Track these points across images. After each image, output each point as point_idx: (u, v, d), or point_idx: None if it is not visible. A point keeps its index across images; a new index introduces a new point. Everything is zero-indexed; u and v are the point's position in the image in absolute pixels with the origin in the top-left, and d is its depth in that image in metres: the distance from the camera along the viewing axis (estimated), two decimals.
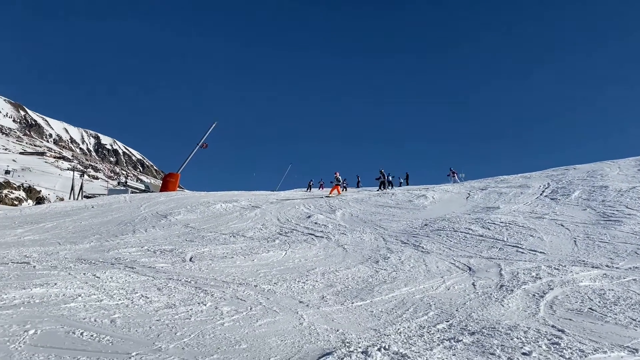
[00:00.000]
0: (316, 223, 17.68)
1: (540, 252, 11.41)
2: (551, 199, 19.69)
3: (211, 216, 20.34)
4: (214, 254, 11.86)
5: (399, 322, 6.42)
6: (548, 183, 24.28)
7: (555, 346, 5.16)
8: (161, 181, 70.55)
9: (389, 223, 17.16)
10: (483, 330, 5.92)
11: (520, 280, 8.85)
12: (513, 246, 12.23)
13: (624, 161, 30.09)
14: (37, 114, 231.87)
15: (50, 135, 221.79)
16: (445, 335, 5.77)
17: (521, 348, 5.13)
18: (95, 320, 5.52)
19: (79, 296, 6.49)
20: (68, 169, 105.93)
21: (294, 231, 16.07)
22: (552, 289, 8.03)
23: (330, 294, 8.07)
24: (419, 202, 22.20)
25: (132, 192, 42.58)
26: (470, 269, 10.10)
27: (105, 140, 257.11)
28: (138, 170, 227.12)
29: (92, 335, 4.96)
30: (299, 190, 37.84)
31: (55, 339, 4.75)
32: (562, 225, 14.46)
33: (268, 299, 7.38)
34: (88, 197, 46.01)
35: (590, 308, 6.88)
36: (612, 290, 7.80)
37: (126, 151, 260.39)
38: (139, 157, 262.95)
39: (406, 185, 41.07)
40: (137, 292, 7.09)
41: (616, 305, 6.95)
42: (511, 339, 5.45)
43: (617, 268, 9.43)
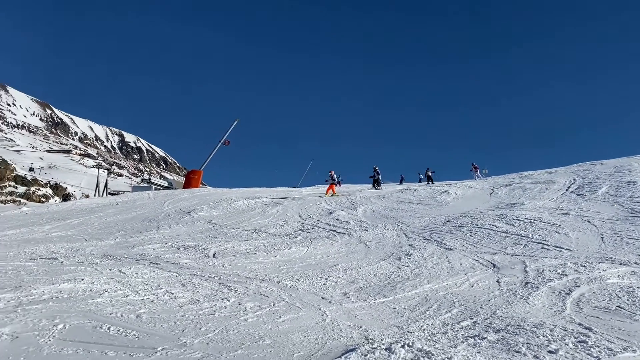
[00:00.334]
0: (338, 219, 17.65)
1: (566, 249, 11.22)
2: (577, 195, 19.34)
3: (233, 213, 20.47)
4: (237, 250, 11.94)
5: (423, 319, 6.39)
6: (574, 179, 23.85)
7: (582, 344, 5.08)
8: (184, 178, 71.30)
9: (411, 219, 17.06)
10: (508, 327, 5.85)
11: (545, 277, 8.72)
12: (538, 243, 12.05)
13: None
14: (63, 113, 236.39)
15: (75, 133, 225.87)
16: (469, 332, 5.72)
17: (547, 346, 5.05)
18: (121, 315, 5.61)
19: (106, 291, 6.61)
20: (93, 167, 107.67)
21: (316, 227, 16.08)
22: (579, 287, 7.90)
23: (352, 291, 8.06)
24: (442, 198, 22.01)
25: (156, 189, 43.11)
26: (494, 266, 9.98)
27: (129, 138, 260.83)
28: (161, 167, 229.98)
29: (119, 330, 5.05)
30: (321, 186, 37.81)
31: (83, 334, 4.84)
32: (589, 221, 14.19)
33: (291, 295, 7.41)
34: (112, 194, 46.80)
35: (618, 306, 6.74)
36: None
37: (149, 149, 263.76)
38: (162, 155, 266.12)
39: (427, 182, 40.84)
40: (162, 288, 7.19)
41: None
42: (537, 337, 5.38)
43: None
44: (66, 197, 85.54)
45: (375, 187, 30.38)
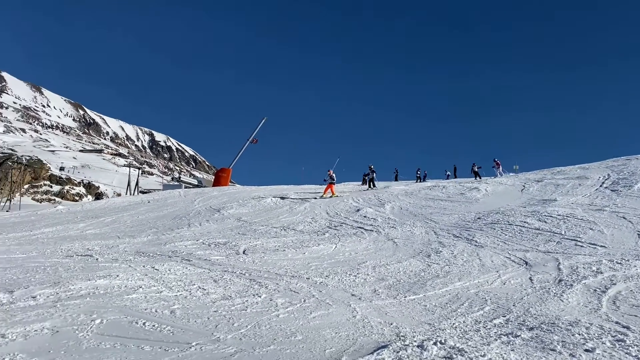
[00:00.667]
0: (365, 217, 17.63)
1: (601, 246, 10.96)
2: (612, 191, 18.85)
3: (262, 210, 20.65)
4: (266, 247, 12.05)
5: (454, 317, 6.34)
6: (608, 174, 23.24)
7: (620, 343, 4.96)
8: (213, 176, 72.11)
9: (440, 216, 16.90)
10: (542, 325, 5.76)
11: (580, 274, 8.54)
12: (571, 240, 11.80)
13: None
14: (95, 113, 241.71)
15: (107, 133, 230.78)
16: (502, 330, 5.65)
17: (583, 344, 4.95)
18: (156, 310, 5.73)
19: (140, 288, 6.75)
20: (124, 166, 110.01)
21: (343, 225, 16.09)
22: (615, 284, 7.71)
23: (382, 288, 8.05)
24: (472, 195, 21.75)
25: (186, 187, 43.73)
26: (526, 263, 9.82)
27: (159, 137, 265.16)
28: (191, 165, 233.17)
29: (154, 325, 5.16)
30: (349, 184, 37.77)
31: (119, 329, 4.96)
32: (624, 217, 13.83)
33: (321, 292, 7.44)
34: (144, 192, 47.65)
35: None
36: None
37: (179, 147, 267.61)
38: (192, 153, 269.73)
39: (454, 177, 40.28)
40: (195, 284, 7.31)
41: None
42: (572, 335, 5.27)
43: None
44: (99, 196, 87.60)
45: (370, 187, 28.70)
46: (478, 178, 33.39)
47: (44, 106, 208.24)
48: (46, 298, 5.80)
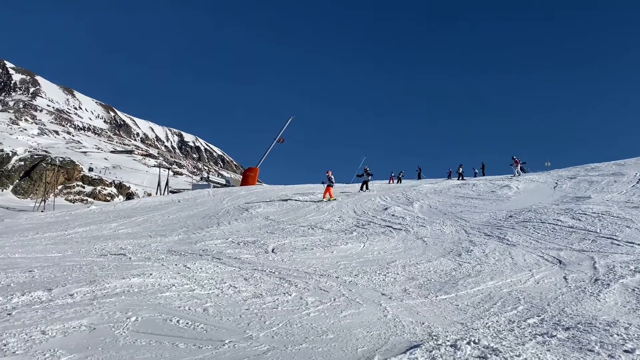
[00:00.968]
0: (393, 215, 17.52)
1: (638, 244, 10.66)
2: None
3: (289, 209, 20.72)
4: (295, 246, 12.09)
5: (487, 316, 6.25)
6: None
7: None
8: (241, 176, 72.73)
9: (471, 215, 16.68)
10: (578, 325, 5.63)
11: (617, 273, 8.33)
12: (607, 238, 11.51)
13: None
14: (125, 115, 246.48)
15: (137, 134, 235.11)
16: (537, 330, 5.55)
17: (622, 345, 4.83)
18: (189, 308, 5.81)
19: (173, 286, 6.86)
20: (154, 166, 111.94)
21: (371, 223, 16.02)
22: None
23: (412, 287, 7.99)
24: (502, 193, 21.41)
25: (214, 187, 44.22)
26: (560, 262, 9.62)
27: (187, 137, 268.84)
28: (219, 165, 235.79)
29: (188, 322, 5.23)
30: (375, 182, 37.64)
31: (154, 326, 5.05)
32: None
33: (350, 291, 7.43)
34: (173, 192, 48.37)
35: None
36: None
37: (207, 148, 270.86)
38: (220, 153, 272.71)
39: (482, 175, 39.57)
40: (226, 282, 7.38)
41: None
42: (611, 336, 5.15)
43: None
44: (130, 196, 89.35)
45: (362, 190, 26.90)
46: (522, 173, 32.70)
47: (76, 108, 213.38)
48: (83, 296, 5.94)
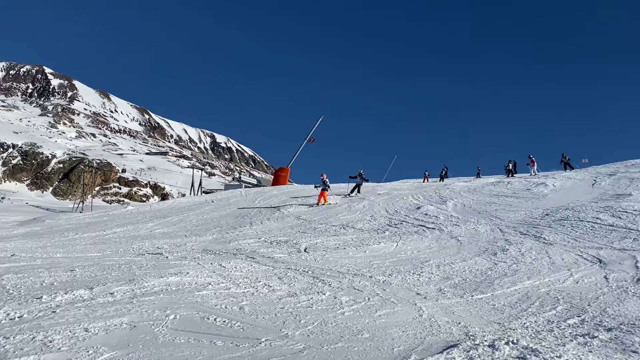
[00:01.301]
0: (426, 214, 17.34)
1: None
2: None
3: (321, 208, 20.76)
4: (327, 245, 12.11)
5: (525, 316, 6.14)
6: None
7: None
8: (272, 176, 73.21)
9: (506, 213, 16.38)
10: (621, 326, 5.48)
11: None
12: None
13: None
14: (160, 117, 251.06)
15: (171, 136, 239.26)
16: (577, 330, 5.42)
17: None
18: (225, 307, 5.90)
19: (209, 284, 6.97)
20: (188, 167, 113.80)
21: (404, 223, 15.90)
22: None
23: (447, 287, 7.90)
24: (538, 191, 20.94)
25: (246, 187, 44.64)
26: (600, 261, 9.36)
27: (219, 139, 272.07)
28: (250, 166, 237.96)
29: (224, 321, 5.31)
30: (407, 181, 37.34)
31: (192, 324, 5.14)
32: None
33: (384, 290, 7.40)
34: (207, 193, 48.99)
35: None
36: None
37: (239, 148, 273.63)
38: (251, 154, 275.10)
39: (514, 173, 38.47)
40: (260, 281, 7.46)
41: None
42: None
43: None
44: (164, 196, 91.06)
45: (351, 194, 24.75)
46: (570, 169, 31.66)
47: (112, 112, 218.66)
48: (123, 294, 6.09)
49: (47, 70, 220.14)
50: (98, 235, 15.24)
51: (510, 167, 33.88)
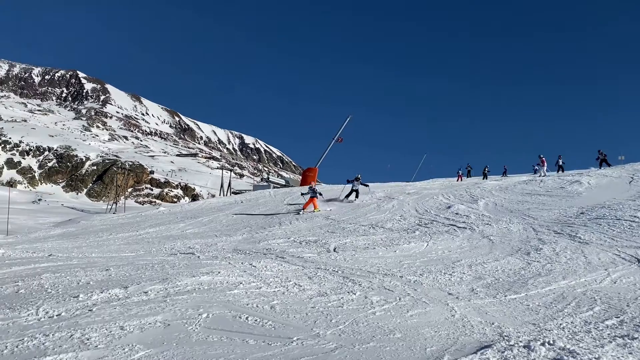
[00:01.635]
0: (457, 214, 17.13)
1: None
2: None
3: (349, 208, 20.71)
4: (356, 245, 12.08)
5: (561, 317, 6.00)
6: None
7: None
8: (300, 176, 73.44)
9: (539, 212, 16.05)
10: None
11: None
12: None
13: None
14: (189, 119, 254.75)
15: (200, 137, 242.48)
16: (616, 332, 5.27)
17: None
18: (257, 306, 5.94)
19: (240, 284, 7.03)
20: (217, 168, 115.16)
21: (434, 222, 15.74)
22: None
23: (480, 287, 7.79)
24: (573, 189, 20.45)
25: (274, 187, 44.91)
26: (639, 261, 9.09)
27: (248, 139, 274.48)
28: (278, 166, 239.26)
29: (256, 319, 5.34)
30: (437, 180, 36.96)
31: (225, 323, 5.19)
32: None
33: (415, 290, 7.34)
34: (236, 193, 49.50)
35: None
36: None
37: (267, 149, 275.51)
38: (279, 154, 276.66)
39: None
40: (291, 281, 7.49)
41: None
42: None
43: None
44: (195, 197, 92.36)
45: (346, 198, 23.17)
46: (607, 165, 30.73)
47: (143, 114, 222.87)
48: (157, 293, 6.20)
49: (81, 74, 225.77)
50: (131, 235, 15.55)
51: (561, 163, 32.83)
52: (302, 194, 21.71)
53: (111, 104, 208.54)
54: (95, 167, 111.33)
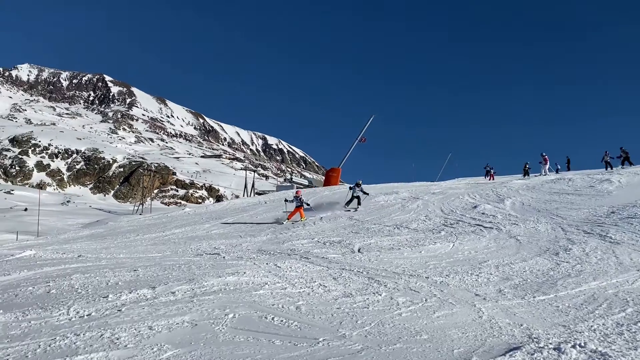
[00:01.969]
0: (483, 213, 16.90)
1: None
2: None
3: (373, 208, 20.61)
4: (381, 246, 12.01)
5: (592, 319, 5.87)
6: None
7: None
8: (323, 176, 73.51)
9: (568, 211, 15.73)
10: None
11: None
12: None
13: None
14: (213, 121, 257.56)
15: (224, 139, 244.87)
16: None
17: None
18: (282, 306, 5.96)
19: (266, 284, 7.07)
20: (241, 169, 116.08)
21: (460, 222, 15.56)
22: None
23: (507, 288, 7.67)
24: (603, 187, 20.00)
25: (298, 188, 45.06)
26: None
27: (271, 140, 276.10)
28: (301, 167, 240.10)
29: (282, 320, 5.37)
30: (463, 179, 36.56)
31: (251, 323, 5.23)
32: None
33: (442, 291, 7.27)
34: (259, 194, 49.78)
35: None
36: None
37: (290, 150, 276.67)
38: (302, 155, 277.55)
39: (567, 170, 36.40)
40: (316, 281, 7.49)
41: None
42: None
43: None
44: (219, 198, 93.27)
45: (346, 206, 21.12)
46: (629, 164, 29.87)
47: (169, 117, 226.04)
48: (184, 294, 6.27)
49: (107, 78, 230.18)
50: (158, 236, 15.76)
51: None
52: (286, 201, 20.04)
53: (137, 107, 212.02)
54: (121, 169, 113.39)
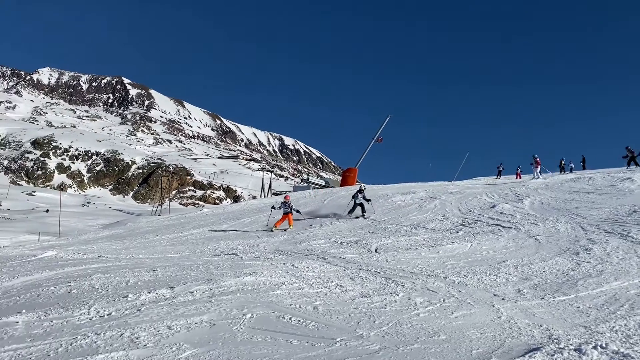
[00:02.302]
0: (502, 213, 16.74)
1: None
2: None
3: (390, 208, 20.54)
4: (398, 246, 11.97)
5: (613, 320, 5.78)
6: None
7: None
8: (339, 176, 73.49)
9: (588, 211, 15.50)
10: None
11: None
12: None
13: None
14: (230, 122, 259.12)
15: (241, 140, 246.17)
16: None
17: None
18: (299, 306, 5.98)
19: (283, 284, 7.09)
20: (258, 170, 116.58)
21: (478, 222, 15.43)
22: None
23: (527, 288, 7.59)
24: (624, 186, 19.66)
25: (314, 188, 45.06)
26: None
27: (287, 141, 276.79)
28: (318, 167, 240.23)
29: (299, 320, 5.38)
30: (480, 178, 36.23)
31: (268, 323, 5.25)
32: None
33: (460, 292, 7.22)
34: (276, 194, 49.94)
35: None
36: None
37: (307, 150, 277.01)
38: (318, 155, 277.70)
39: (582, 170, 35.46)
40: (333, 281, 7.50)
41: None
42: None
43: None
44: (236, 199, 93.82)
45: (349, 214, 19.21)
46: (635, 165, 29.21)
47: (186, 118, 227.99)
48: (202, 294, 6.33)
49: (126, 80, 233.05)
50: (176, 236, 15.90)
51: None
52: (273, 208, 18.78)
53: (155, 109, 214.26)
54: (140, 171, 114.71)
